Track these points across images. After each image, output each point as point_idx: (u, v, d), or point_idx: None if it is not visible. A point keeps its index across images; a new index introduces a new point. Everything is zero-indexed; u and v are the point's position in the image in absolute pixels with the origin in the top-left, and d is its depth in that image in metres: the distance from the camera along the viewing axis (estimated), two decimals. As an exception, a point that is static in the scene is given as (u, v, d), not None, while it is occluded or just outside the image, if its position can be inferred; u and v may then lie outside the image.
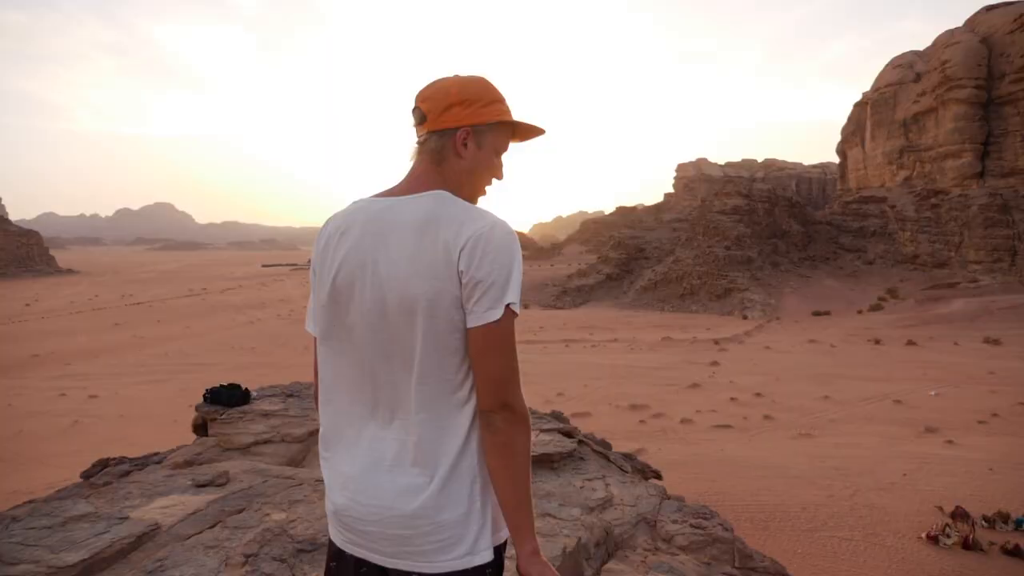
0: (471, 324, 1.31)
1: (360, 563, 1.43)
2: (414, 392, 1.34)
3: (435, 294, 1.31)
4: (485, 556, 1.37)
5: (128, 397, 29.81)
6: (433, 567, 1.35)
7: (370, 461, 1.38)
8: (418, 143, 1.44)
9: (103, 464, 3.84)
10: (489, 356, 1.31)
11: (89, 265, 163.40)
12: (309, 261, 1.59)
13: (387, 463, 1.37)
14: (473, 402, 1.36)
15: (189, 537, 2.67)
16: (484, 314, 1.30)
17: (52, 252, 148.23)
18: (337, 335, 1.42)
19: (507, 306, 1.31)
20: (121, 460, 3.90)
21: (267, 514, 2.95)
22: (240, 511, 2.98)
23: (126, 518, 2.78)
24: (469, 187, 1.46)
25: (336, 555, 1.49)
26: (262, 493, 3.23)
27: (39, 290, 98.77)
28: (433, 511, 1.34)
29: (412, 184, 1.43)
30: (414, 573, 1.36)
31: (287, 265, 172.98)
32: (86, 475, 3.64)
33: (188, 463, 3.73)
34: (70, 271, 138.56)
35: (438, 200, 1.37)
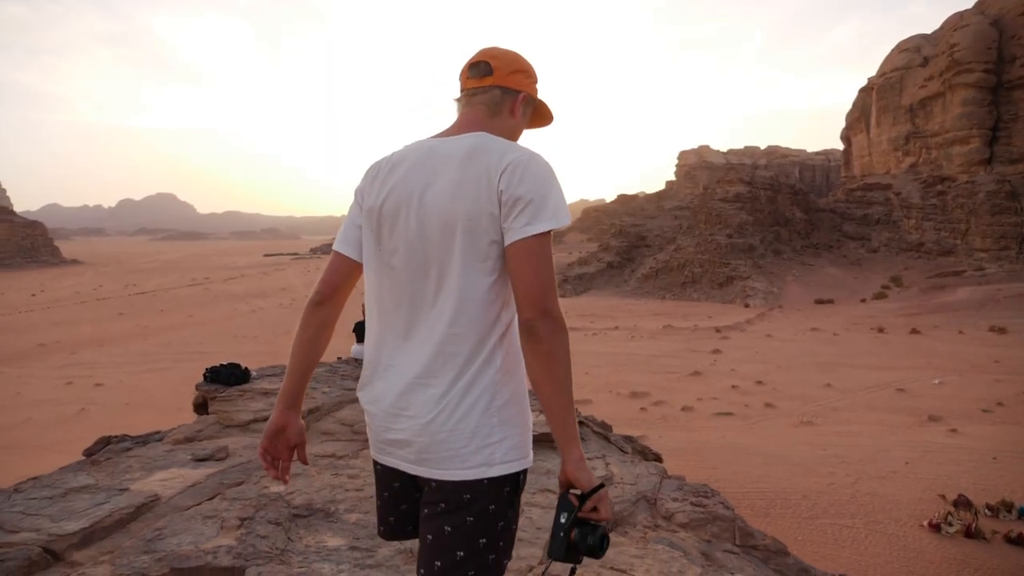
0: (510, 240, 1.38)
1: (394, 472, 1.51)
2: (446, 308, 1.41)
3: (475, 214, 1.39)
4: (501, 470, 1.41)
5: (133, 385, 29.97)
6: (450, 475, 1.40)
7: (401, 374, 1.45)
8: (471, 94, 1.56)
9: (105, 442, 3.86)
10: (528, 267, 1.37)
11: (93, 255, 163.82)
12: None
13: (415, 376, 1.43)
14: (502, 323, 1.44)
15: (188, 508, 2.69)
16: (522, 229, 1.37)
17: (56, 243, 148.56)
18: (379, 260, 1.51)
19: (546, 223, 1.38)
20: (123, 438, 3.93)
21: (265, 487, 2.97)
22: (239, 483, 3.00)
23: (126, 490, 2.80)
24: None
25: (374, 466, 1.58)
26: (261, 467, 3.25)
27: (44, 280, 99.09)
28: (452, 421, 1.39)
29: (463, 127, 1.53)
30: (433, 480, 1.42)
31: (288, 254, 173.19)
32: (88, 453, 3.67)
33: (188, 440, 3.75)
34: (75, 261, 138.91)
35: (482, 136, 1.47)
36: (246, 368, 4.93)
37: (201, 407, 4.56)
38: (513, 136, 1.59)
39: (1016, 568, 10.46)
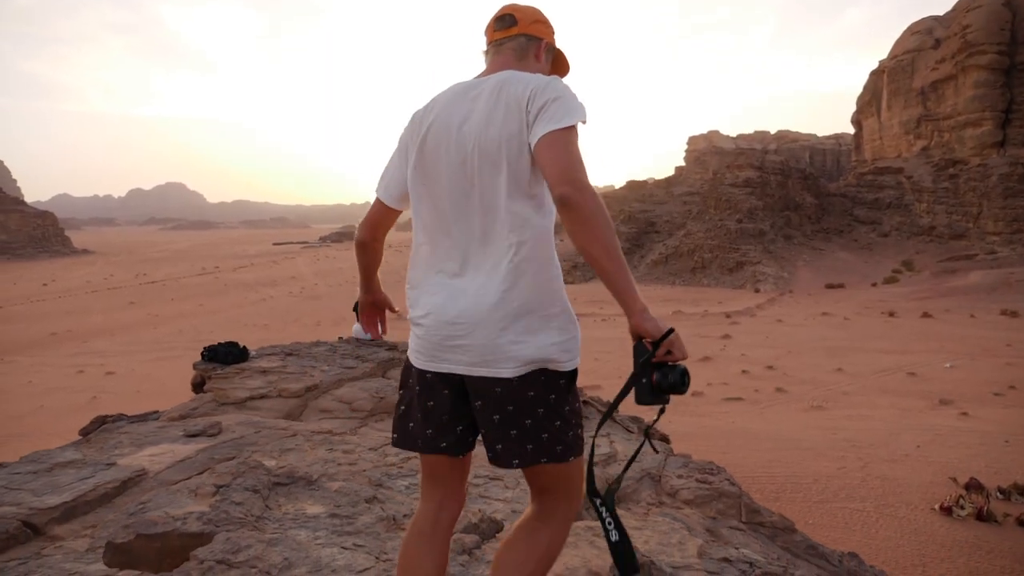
0: (536, 137, 1.50)
1: (445, 379, 1.64)
2: (492, 227, 1.56)
3: (507, 136, 1.54)
4: (555, 366, 1.57)
5: (144, 374, 30.12)
6: (510, 372, 1.55)
7: (456, 288, 1.60)
8: (499, 44, 1.74)
9: (101, 421, 3.81)
10: (554, 152, 1.47)
11: (104, 245, 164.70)
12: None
13: (470, 288, 1.58)
14: (547, 236, 1.59)
15: (176, 483, 2.63)
16: (546, 126, 1.50)
17: (67, 233, 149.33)
18: (425, 192, 1.66)
19: (567, 120, 1.50)
20: (119, 417, 3.88)
21: (257, 461, 2.91)
22: (230, 459, 2.94)
23: (113, 464, 2.75)
24: None
25: (419, 379, 1.69)
26: (254, 443, 3.19)
27: (55, 270, 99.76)
28: (509, 326, 1.54)
29: (493, 71, 1.69)
30: (497, 385, 1.56)
31: (298, 243, 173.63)
32: (84, 432, 3.63)
33: (183, 417, 3.70)
34: (85, 251, 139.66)
35: (509, 72, 1.63)
36: (244, 347, 4.87)
37: (199, 387, 4.51)
38: None
39: (1029, 550, 10.34)
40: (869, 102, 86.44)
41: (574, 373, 1.63)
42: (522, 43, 1.73)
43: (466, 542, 2.13)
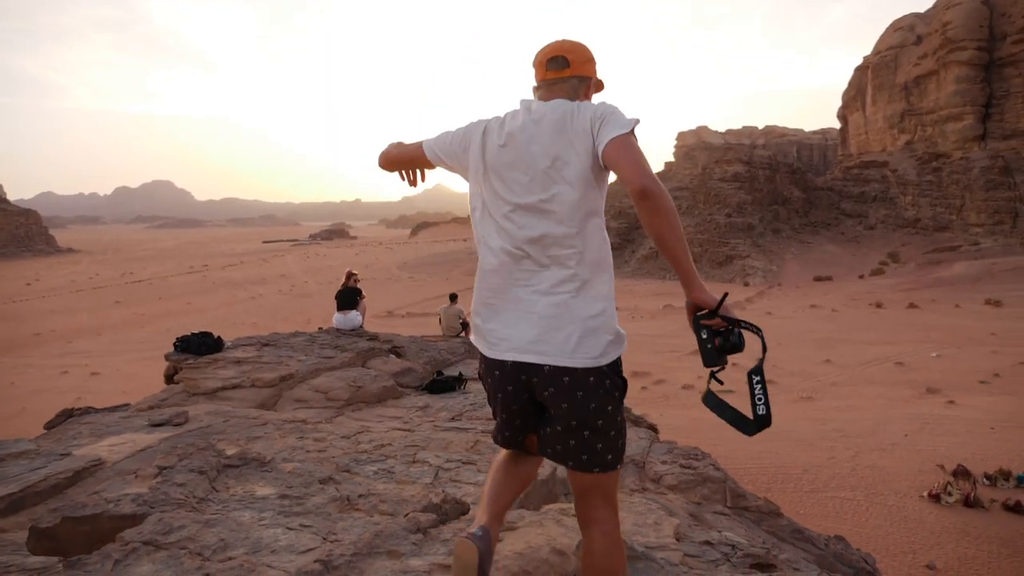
0: (603, 142, 1.69)
1: (511, 374, 1.81)
2: (555, 240, 1.75)
3: (575, 157, 1.73)
4: (609, 358, 1.78)
5: (130, 373, 29.75)
6: (574, 362, 1.74)
7: (520, 301, 1.78)
8: (552, 83, 1.89)
9: (67, 414, 3.68)
10: (627, 153, 1.67)
11: (89, 244, 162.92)
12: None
13: (539, 289, 1.77)
14: (605, 245, 1.82)
15: (134, 472, 2.52)
16: (612, 131, 1.69)
17: (51, 231, 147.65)
18: (493, 206, 1.83)
19: (628, 125, 1.69)
20: (87, 410, 3.75)
21: (222, 450, 2.80)
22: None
23: (68, 455, 2.63)
24: None
25: (495, 367, 1.85)
26: (221, 431, 3.07)
27: (39, 269, 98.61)
28: (575, 321, 1.73)
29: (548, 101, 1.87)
30: (565, 375, 1.75)
31: (288, 241, 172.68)
32: (49, 426, 3.49)
33: (151, 408, 3.57)
34: (70, 250, 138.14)
35: (568, 104, 1.82)
36: (219, 337, 4.74)
37: (172, 378, 4.38)
38: None
39: (1014, 534, 10.41)
40: (854, 97, 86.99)
41: (624, 384, 1.84)
42: (575, 84, 1.90)
43: (421, 521, 2.03)
